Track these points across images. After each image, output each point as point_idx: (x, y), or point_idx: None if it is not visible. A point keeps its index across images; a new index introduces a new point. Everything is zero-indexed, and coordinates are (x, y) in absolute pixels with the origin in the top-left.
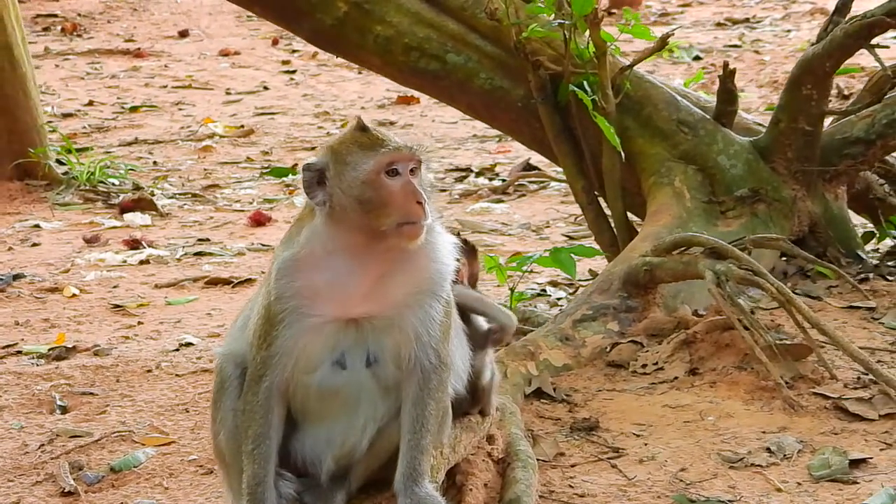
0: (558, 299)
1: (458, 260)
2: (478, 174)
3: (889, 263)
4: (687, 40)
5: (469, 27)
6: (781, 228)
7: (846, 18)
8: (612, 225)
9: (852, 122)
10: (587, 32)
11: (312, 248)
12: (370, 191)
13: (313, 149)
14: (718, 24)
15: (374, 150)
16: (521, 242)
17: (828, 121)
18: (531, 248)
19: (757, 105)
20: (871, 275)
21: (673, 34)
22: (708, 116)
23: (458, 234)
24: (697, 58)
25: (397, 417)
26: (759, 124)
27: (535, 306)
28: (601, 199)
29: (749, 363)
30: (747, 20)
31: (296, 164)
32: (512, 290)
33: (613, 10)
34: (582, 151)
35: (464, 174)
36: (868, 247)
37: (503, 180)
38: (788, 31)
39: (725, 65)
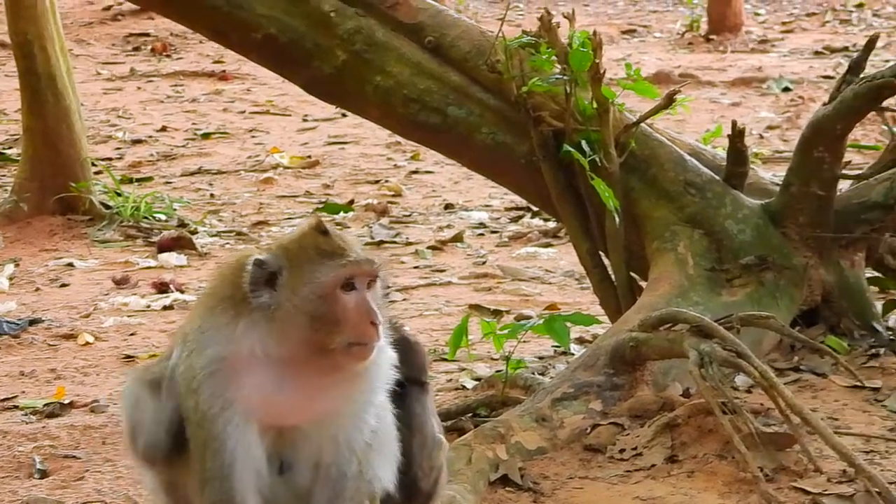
0: None
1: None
2: (534, 214)
3: None
4: (779, 70)
5: (471, 79)
6: (791, 298)
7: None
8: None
9: (870, 186)
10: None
11: (251, 348)
12: (324, 306)
13: (377, 182)
14: (816, 53)
15: (333, 261)
16: (559, 292)
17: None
18: (569, 299)
19: None
20: (883, 350)
21: (680, 91)
22: (717, 177)
23: (399, 330)
24: (787, 89)
25: None
26: (777, 185)
27: (554, 367)
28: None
29: (731, 452)
30: (846, 49)
31: (352, 201)
32: (507, 357)
33: (712, 36)
34: (587, 212)
35: (520, 214)
36: (892, 317)
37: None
38: (887, 61)
39: (734, 124)
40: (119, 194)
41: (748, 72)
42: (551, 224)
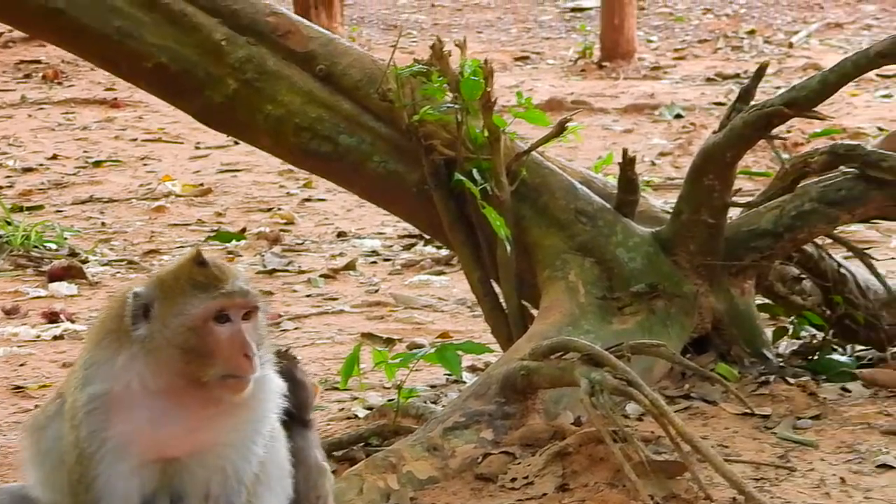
0: None
1: (285, 396)
2: (427, 242)
3: (794, 365)
4: (671, 97)
5: (363, 108)
6: (681, 326)
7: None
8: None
9: (760, 214)
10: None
11: (129, 382)
12: (195, 338)
13: (270, 210)
14: (708, 80)
15: (205, 293)
16: (452, 320)
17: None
18: (462, 327)
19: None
20: (773, 377)
21: (571, 118)
22: (608, 206)
23: (289, 364)
24: (679, 116)
25: None
26: (668, 212)
27: (446, 395)
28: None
29: (622, 480)
30: (738, 75)
31: (244, 229)
32: (399, 386)
33: (605, 63)
34: (478, 241)
35: (413, 242)
36: (783, 344)
37: None
38: (778, 87)
39: (625, 152)
40: (9, 223)
41: (640, 98)
42: (444, 252)
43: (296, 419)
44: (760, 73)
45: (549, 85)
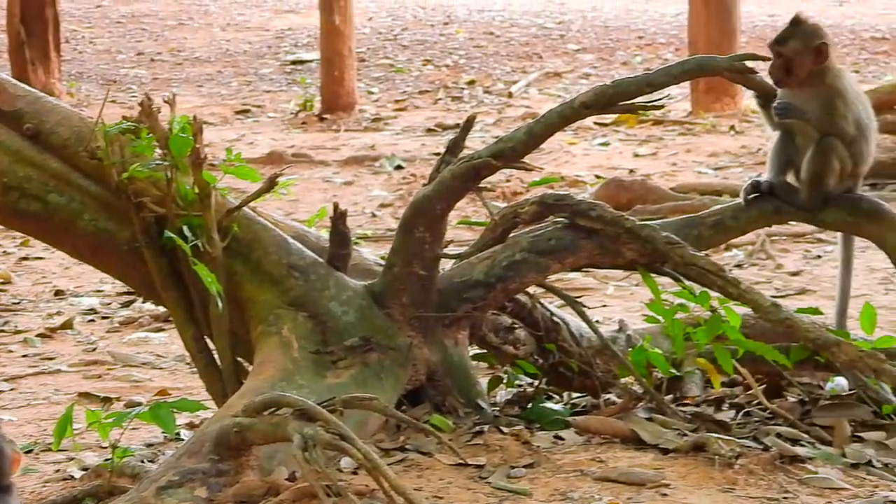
0: None
1: None
2: (145, 299)
3: (509, 414)
4: (392, 148)
5: (72, 166)
6: (396, 378)
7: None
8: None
9: (472, 265)
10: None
11: None
12: None
13: None
14: (429, 130)
15: None
16: (171, 377)
17: None
18: (181, 384)
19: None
20: (487, 427)
21: (282, 173)
22: (321, 260)
23: None
24: (399, 167)
25: None
26: (382, 265)
27: (164, 454)
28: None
29: None
30: (457, 126)
31: None
32: (114, 446)
33: (326, 115)
34: (192, 298)
35: (131, 298)
36: (500, 394)
37: None
38: (496, 136)
39: (335, 206)
40: None
41: (361, 150)
42: (163, 309)
43: None
44: (468, 125)
45: (270, 138)
